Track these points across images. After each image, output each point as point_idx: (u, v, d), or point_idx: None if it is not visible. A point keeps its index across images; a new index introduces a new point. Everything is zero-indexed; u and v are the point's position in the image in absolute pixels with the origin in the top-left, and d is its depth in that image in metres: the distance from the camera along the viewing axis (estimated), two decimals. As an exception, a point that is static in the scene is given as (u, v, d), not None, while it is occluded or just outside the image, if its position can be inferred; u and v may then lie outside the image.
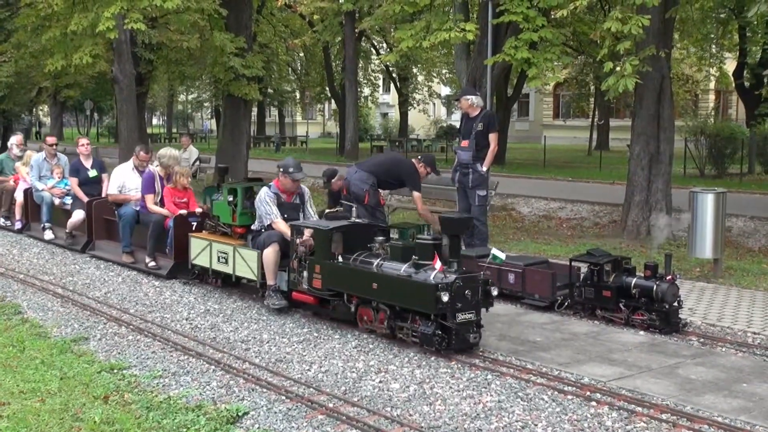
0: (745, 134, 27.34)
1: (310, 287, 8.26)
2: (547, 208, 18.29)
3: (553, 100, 52.65)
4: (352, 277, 7.87)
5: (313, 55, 45.67)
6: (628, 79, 12.61)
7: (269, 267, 8.82)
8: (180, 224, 10.69)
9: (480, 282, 7.28)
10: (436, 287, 7.00)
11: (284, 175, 9.17)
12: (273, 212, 9.06)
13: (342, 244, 8.10)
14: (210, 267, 9.83)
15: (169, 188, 11.14)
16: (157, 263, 10.98)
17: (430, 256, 7.27)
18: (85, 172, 13.18)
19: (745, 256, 12.89)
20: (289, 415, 5.97)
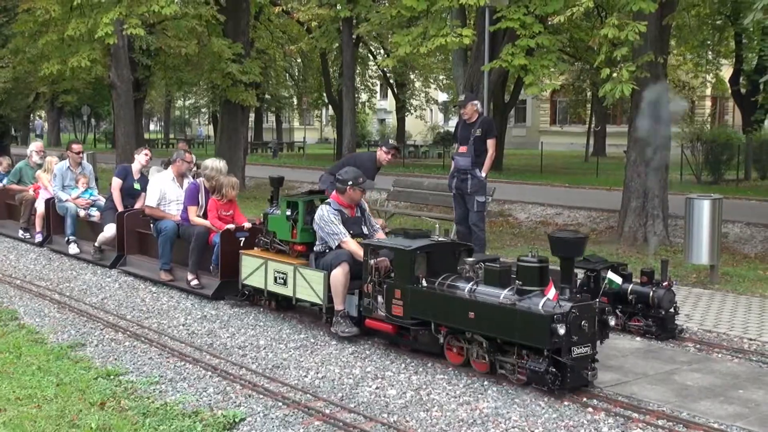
0: (742, 140, 27.38)
1: (389, 314, 7.36)
2: (544, 214, 18.30)
3: (550, 106, 52.71)
4: (443, 304, 6.99)
5: (311, 61, 45.68)
6: (624, 85, 12.64)
7: (338, 290, 7.93)
8: (227, 240, 9.77)
9: (597, 311, 6.51)
10: (552, 319, 6.16)
11: (353, 188, 8.30)
12: (341, 231, 8.13)
13: (426, 266, 7.30)
14: (265, 288, 8.88)
15: (214, 200, 10.21)
16: (200, 282, 10.07)
17: (535, 281, 6.53)
18: (131, 181, 12.32)
19: (742, 263, 12.90)
20: (286, 421, 5.97)
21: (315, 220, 8.33)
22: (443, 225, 10.85)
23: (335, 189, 8.47)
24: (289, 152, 50.88)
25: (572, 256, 6.60)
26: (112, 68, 21.29)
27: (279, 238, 8.97)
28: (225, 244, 9.76)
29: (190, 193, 10.52)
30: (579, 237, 6.64)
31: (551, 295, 6.29)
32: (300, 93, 54.55)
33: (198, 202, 10.41)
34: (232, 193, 10.22)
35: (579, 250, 6.63)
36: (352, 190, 8.34)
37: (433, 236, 7.66)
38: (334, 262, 7.98)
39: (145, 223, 11.33)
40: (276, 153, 46.40)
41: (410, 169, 31.78)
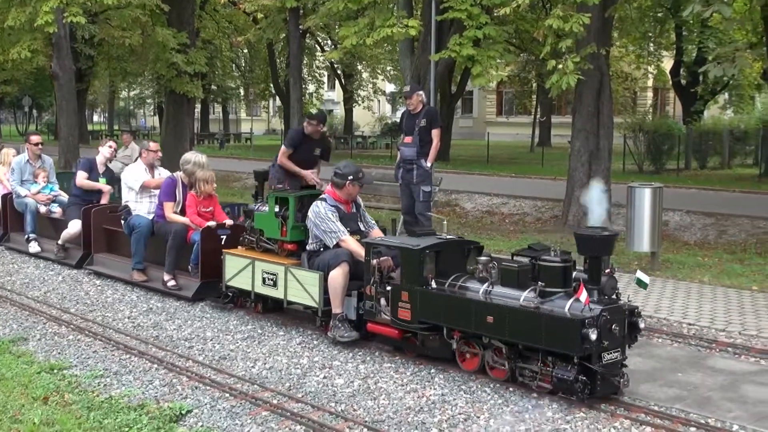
0: (682, 131, 27.97)
1: (395, 318, 6.86)
2: (490, 204, 18.48)
3: (496, 97, 53.12)
4: (457, 307, 6.48)
5: (257, 52, 45.35)
6: (570, 76, 12.84)
7: (337, 292, 7.40)
8: (208, 238, 9.14)
9: (626, 313, 6.11)
10: (583, 323, 5.70)
11: (352, 183, 7.80)
12: (339, 229, 7.63)
13: (435, 266, 6.82)
14: (252, 290, 8.31)
15: (192, 195, 9.56)
16: (177, 283, 9.48)
17: (558, 282, 6.10)
18: (96, 175, 11.64)
19: (682, 250, 13.20)
20: (233, 412, 5.97)
21: (309, 216, 7.80)
22: (390, 215, 10.90)
23: (332, 183, 7.92)
24: (236, 143, 50.49)
25: (601, 254, 6.08)
26: (54, 58, 20.91)
27: (267, 236, 8.42)
28: (205, 242, 9.14)
29: (166, 188, 9.83)
30: (608, 234, 6.07)
31: (583, 298, 5.80)
32: (247, 84, 54.13)
33: (175, 197, 9.75)
34: (208, 187, 9.57)
35: (608, 248, 6.10)
36: (351, 186, 7.81)
37: (440, 234, 7.22)
38: (333, 262, 7.43)
39: (114, 219, 10.72)
40: (223, 144, 46.04)
41: (358, 160, 31.73)
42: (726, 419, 5.68)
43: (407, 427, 5.66)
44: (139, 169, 10.48)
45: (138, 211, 10.19)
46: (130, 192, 10.32)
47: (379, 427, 5.64)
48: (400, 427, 5.65)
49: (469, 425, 5.67)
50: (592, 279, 6.03)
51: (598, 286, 5.99)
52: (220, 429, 5.67)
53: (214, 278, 8.92)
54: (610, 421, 5.69)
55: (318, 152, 10.85)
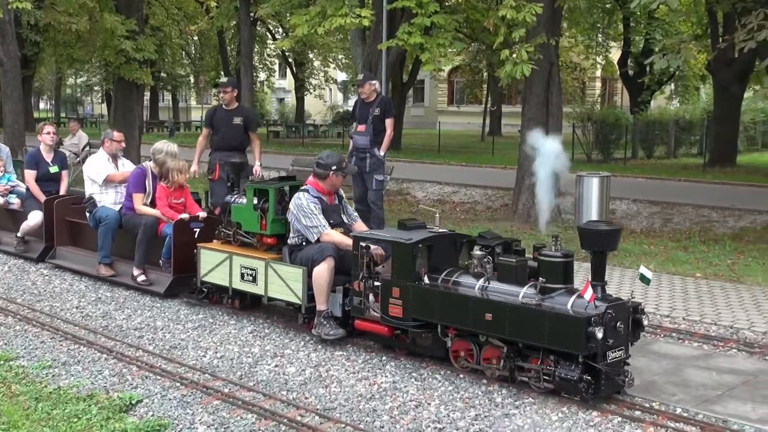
0: (629, 120, 28.44)
1: (385, 315, 6.59)
2: (441, 193, 18.60)
3: (448, 86, 53.36)
4: (453, 304, 6.23)
5: (208, 39, 44.90)
6: (524, 66, 12.96)
7: (322, 288, 7.10)
8: (181, 231, 8.75)
9: (630, 309, 5.92)
10: (588, 321, 5.52)
11: (336, 173, 7.52)
12: (320, 223, 7.32)
13: (427, 261, 6.56)
14: (229, 286, 7.99)
15: (163, 187, 9.14)
16: (148, 278, 9.11)
17: (559, 278, 5.90)
18: (45, 166, 11.13)
19: (628, 238, 13.43)
20: (184, 401, 5.95)
21: (291, 209, 7.47)
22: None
23: (314, 174, 7.59)
24: (186, 131, 49.93)
25: (606, 249, 5.91)
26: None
27: (244, 229, 8.07)
28: (178, 235, 8.73)
29: (135, 178, 9.37)
30: (613, 228, 5.89)
31: (588, 295, 5.60)
32: (197, 71, 53.52)
33: (144, 188, 9.31)
34: (181, 178, 9.16)
35: (613, 243, 5.90)
36: (335, 176, 7.51)
37: (431, 227, 6.94)
38: (318, 257, 7.12)
39: (78, 210, 10.30)
40: (173, 132, 45.54)
41: (309, 149, 31.72)
42: (670, 402, 5.82)
43: (359, 414, 5.70)
44: (102, 161, 9.98)
45: (104, 202, 9.76)
46: (94, 184, 9.86)
47: (330, 414, 5.68)
48: (352, 415, 5.69)
49: (420, 412, 5.73)
50: (597, 274, 5.82)
51: (602, 283, 5.81)
52: (170, 418, 5.65)
53: (187, 273, 8.58)
54: (557, 405, 5.79)
55: (239, 121, 10.73)
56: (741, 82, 24.03)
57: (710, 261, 11.27)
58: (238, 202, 8.21)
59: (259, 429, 5.45)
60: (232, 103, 10.81)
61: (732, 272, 10.40)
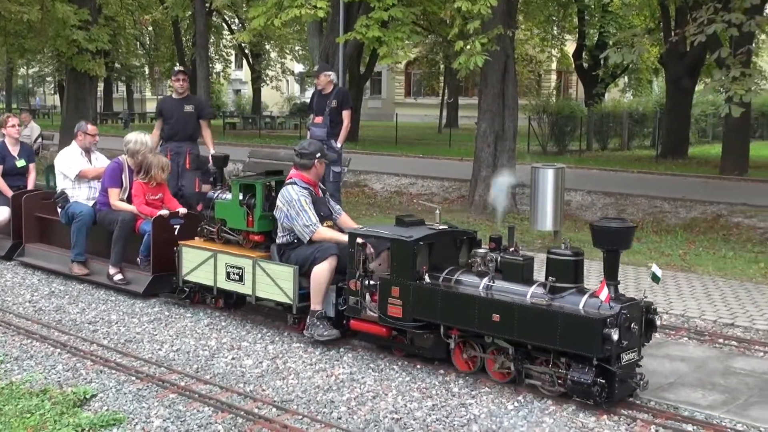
0: (584, 113, 28.77)
1: (384, 315, 6.34)
2: (398, 184, 18.65)
3: (405, 78, 53.43)
4: (457, 304, 5.99)
5: (163, 30, 44.39)
6: (478, 57, 13.05)
7: (321, 288, 6.80)
8: (161, 228, 8.39)
9: (643, 309, 5.73)
10: (604, 323, 5.30)
11: (320, 161, 7.24)
12: (313, 221, 6.97)
13: (427, 259, 6.33)
14: (214, 285, 7.68)
15: (139, 183, 8.72)
16: (125, 276, 8.76)
17: (569, 277, 5.70)
18: (11, 161, 10.63)
19: (583, 228, 13.58)
20: (140, 395, 5.90)
21: (280, 205, 7.09)
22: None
23: (297, 165, 7.26)
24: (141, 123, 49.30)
25: (619, 248, 5.70)
26: (-55, 34, 20.01)
27: (229, 226, 7.77)
28: (158, 232, 8.36)
29: (111, 172, 8.93)
30: (627, 226, 5.64)
31: (604, 296, 5.41)
32: (152, 62, 52.91)
33: (121, 183, 8.89)
34: (163, 176, 8.77)
35: (627, 242, 5.68)
36: (319, 164, 7.25)
37: (431, 223, 6.70)
38: (320, 255, 6.81)
39: (48, 206, 9.92)
40: (127, 124, 44.95)
41: (266, 141, 31.59)
42: (622, 390, 5.92)
43: (316, 405, 5.71)
44: (74, 155, 9.59)
45: (76, 198, 9.40)
46: (66, 179, 9.50)
47: (287, 406, 5.68)
48: (309, 406, 5.70)
49: (377, 403, 5.75)
50: (610, 274, 5.62)
51: (615, 282, 5.60)
52: (126, 412, 5.60)
53: (167, 272, 8.26)
54: (513, 395, 5.86)
55: (191, 108, 10.60)
56: (692, 75, 24.43)
57: (662, 251, 11.47)
58: (222, 197, 7.89)
59: (216, 422, 5.43)
60: (184, 91, 10.68)
61: (683, 262, 10.60)
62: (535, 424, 5.36)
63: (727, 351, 6.98)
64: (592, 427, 5.32)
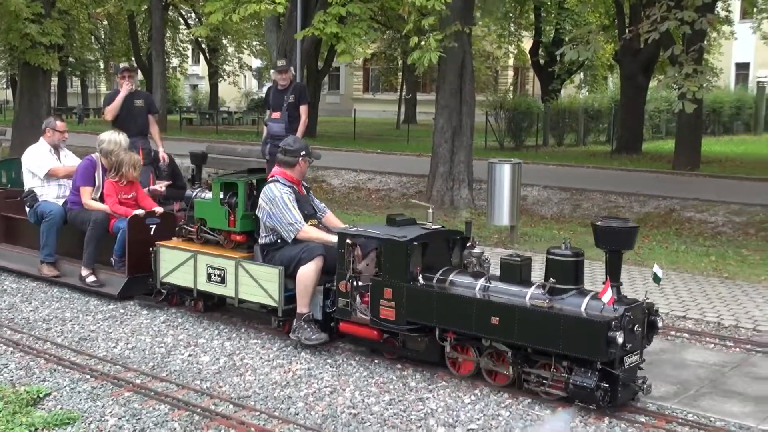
0: (540, 109, 29.03)
1: (376, 318, 6.17)
2: (356, 180, 18.65)
3: (363, 74, 53.37)
4: (453, 306, 5.83)
5: (118, 24, 43.77)
6: (432, 53, 13.09)
7: (308, 290, 6.60)
8: (136, 228, 8.13)
9: (645, 311, 5.60)
10: (609, 325, 5.18)
11: (304, 159, 7.02)
12: (297, 220, 6.77)
13: (420, 260, 6.17)
14: (194, 287, 7.43)
15: (111, 182, 8.46)
16: (98, 278, 8.49)
17: (569, 278, 5.58)
18: None
19: (539, 223, 13.76)
20: (94, 394, 5.85)
21: (263, 204, 6.88)
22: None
23: (280, 163, 7.07)
24: (96, 118, 48.57)
25: (621, 248, 5.58)
26: None
27: (210, 226, 7.54)
28: (133, 232, 8.10)
29: (84, 170, 8.65)
30: (630, 227, 5.53)
31: (607, 298, 5.26)
32: (107, 57, 52.07)
33: (94, 182, 8.59)
34: (134, 174, 8.53)
35: (630, 242, 5.58)
36: (304, 162, 7.04)
37: (422, 223, 6.54)
38: (306, 256, 6.61)
39: (14, 205, 9.66)
40: (82, 119, 44.32)
41: (223, 136, 31.37)
42: (577, 383, 5.99)
43: (273, 401, 5.71)
44: (43, 152, 9.31)
45: (46, 196, 9.12)
46: (34, 178, 9.20)
47: (245, 402, 5.67)
48: (267, 402, 5.69)
49: (334, 398, 5.77)
50: (612, 275, 5.51)
51: (617, 283, 5.49)
52: (80, 411, 5.54)
53: (142, 273, 8.01)
54: (470, 389, 5.91)
55: (140, 103, 10.44)
56: (646, 72, 24.76)
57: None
58: (202, 197, 7.69)
59: (172, 419, 5.40)
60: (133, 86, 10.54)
61: (637, 256, 10.75)
62: (491, 417, 5.42)
63: (680, 343, 7.11)
64: (547, 419, 5.39)
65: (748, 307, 8.33)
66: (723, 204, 14.17)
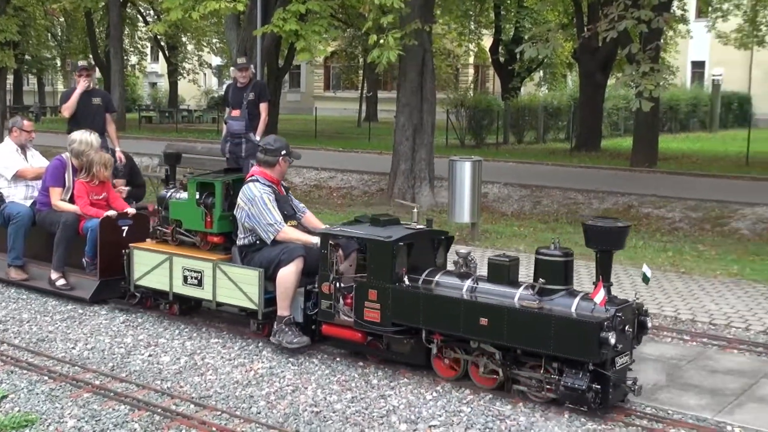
0: (501, 106, 29.20)
1: (360, 320, 6.05)
2: (318, 178, 18.62)
3: (324, 72, 53.27)
4: (440, 308, 5.74)
5: (75, 21, 43.22)
6: (391, 52, 13.11)
7: (288, 293, 6.46)
8: (108, 229, 7.91)
9: (635, 311, 5.57)
10: (601, 326, 5.11)
11: (285, 158, 6.90)
12: (277, 220, 6.63)
13: (406, 261, 6.08)
14: (170, 290, 7.26)
15: (82, 183, 8.25)
16: (68, 281, 8.25)
17: (559, 278, 5.51)
18: None
19: (500, 220, 13.85)
20: (53, 395, 5.77)
21: (241, 204, 6.73)
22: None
23: (260, 162, 6.94)
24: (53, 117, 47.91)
25: (612, 248, 5.51)
26: None
27: (186, 227, 7.34)
28: (105, 234, 7.87)
29: (53, 170, 8.42)
30: (621, 226, 5.47)
31: (600, 298, 5.23)
32: (64, 54, 51.41)
33: (64, 183, 8.38)
34: (105, 173, 8.30)
35: (620, 242, 5.50)
36: (284, 162, 6.91)
37: (406, 223, 6.47)
38: (286, 258, 6.47)
39: None
40: (38, 117, 43.65)
41: (183, 134, 31.10)
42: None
43: (235, 401, 5.69)
44: (10, 152, 9.06)
45: (13, 197, 8.87)
46: (0, 179, 8.98)
47: (206, 402, 5.64)
48: (228, 402, 5.67)
49: (296, 396, 5.76)
50: (603, 275, 5.44)
51: (607, 284, 5.42)
52: (38, 413, 5.47)
53: (115, 276, 7.80)
54: (432, 385, 5.93)
55: (98, 101, 10.35)
56: (604, 70, 25.02)
57: (576, 241, 11.71)
58: (177, 197, 7.52)
59: (132, 420, 5.35)
60: (89, 85, 10.42)
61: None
62: (453, 413, 5.45)
63: (637, 337, 7.21)
64: (508, 414, 5.43)
65: (705, 301, 8.49)
66: (680, 200, 14.39)
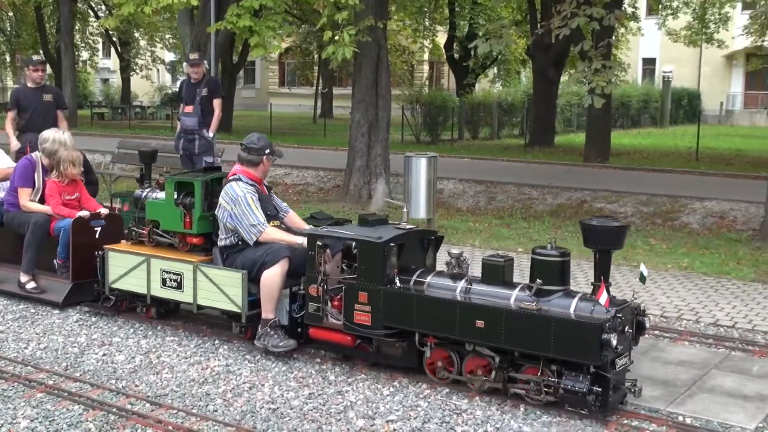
0: (456, 103, 29.35)
1: (350, 323, 5.90)
2: (273, 175, 18.49)
3: (279, 68, 53.05)
4: (434, 310, 5.58)
5: (24, 15, 42.43)
6: (346, 48, 13.11)
7: (273, 295, 6.30)
8: (81, 230, 7.68)
9: (634, 311, 5.48)
10: (602, 328, 4.99)
11: (269, 157, 6.71)
12: (260, 221, 6.45)
13: (397, 262, 5.90)
14: (148, 293, 7.04)
15: (53, 182, 8.00)
16: (38, 284, 7.96)
17: (555, 279, 5.39)
18: None
19: (455, 216, 13.93)
20: (5, 396, 5.69)
21: (223, 203, 6.55)
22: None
23: (243, 161, 6.72)
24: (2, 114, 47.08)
25: (611, 248, 5.41)
26: None
27: (163, 228, 7.13)
28: (77, 235, 7.65)
29: (22, 170, 8.17)
30: (619, 226, 5.35)
31: (603, 299, 5.14)
32: (13, 49, 50.45)
33: (33, 183, 8.14)
34: (75, 170, 8.03)
35: (619, 242, 5.37)
36: (268, 160, 6.71)
37: (395, 223, 6.32)
38: (271, 259, 6.30)
39: None
40: (-14, 114, 42.82)
41: (136, 131, 30.72)
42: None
43: (191, 399, 5.66)
44: None
45: None
46: None
47: (162, 401, 5.60)
48: (184, 400, 5.64)
49: (253, 393, 5.75)
50: (603, 276, 5.34)
51: (606, 284, 5.30)
52: (-10, 414, 5.39)
53: (88, 278, 7.58)
54: (389, 380, 5.96)
55: (49, 98, 10.23)
56: (557, 66, 25.27)
57: (531, 236, 11.88)
58: (153, 197, 7.32)
59: (87, 420, 5.29)
60: (40, 80, 10.27)
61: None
62: (410, 408, 5.48)
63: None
64: (465, 408, 5.48)
65: (656, 294, 8.65)
66: (631, 195, 14.61)
